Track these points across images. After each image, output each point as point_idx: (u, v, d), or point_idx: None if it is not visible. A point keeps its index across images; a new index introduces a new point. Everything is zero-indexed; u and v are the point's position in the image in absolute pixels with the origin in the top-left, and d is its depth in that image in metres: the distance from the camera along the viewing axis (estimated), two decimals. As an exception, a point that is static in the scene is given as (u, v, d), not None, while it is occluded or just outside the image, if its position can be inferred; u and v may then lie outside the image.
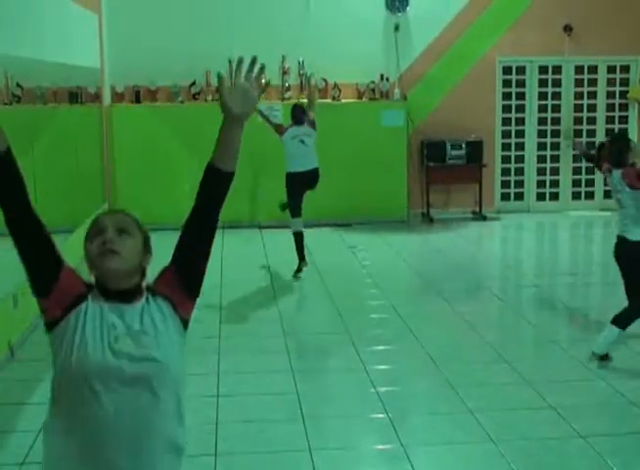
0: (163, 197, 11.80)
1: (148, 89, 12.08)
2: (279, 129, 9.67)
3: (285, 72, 12.16)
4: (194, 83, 12.06)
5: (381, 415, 5.24)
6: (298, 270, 9.13)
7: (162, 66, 11.86)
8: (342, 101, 12.25)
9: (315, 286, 8.74)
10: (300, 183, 9.49)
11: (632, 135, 13.32)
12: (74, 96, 9.99)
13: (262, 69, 2.69)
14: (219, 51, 11.87)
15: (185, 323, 2.59)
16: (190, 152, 11.85)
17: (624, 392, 5.55)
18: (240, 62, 2.72)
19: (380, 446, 4.86)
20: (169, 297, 2.58)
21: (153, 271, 2.66)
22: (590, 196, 13.51)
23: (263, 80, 2.71)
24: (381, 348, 6.65)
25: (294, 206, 9.47)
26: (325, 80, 12.23)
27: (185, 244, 2.66)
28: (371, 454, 4.81)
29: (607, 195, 13.39)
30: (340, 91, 12.22)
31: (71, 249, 9.30)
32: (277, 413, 5.30)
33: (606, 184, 6.77)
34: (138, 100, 12.02)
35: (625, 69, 13.24)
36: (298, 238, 9.33)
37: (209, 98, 12.05)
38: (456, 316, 7.53)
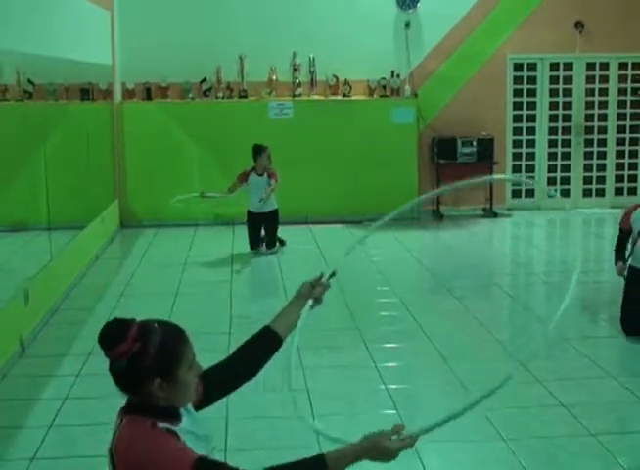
0: (174, 193, 11.79)
1: (159, 86, 12.10)
2: (239, 182, 10.31)
3: (295, 69, 12.16)
4: (204, 80, 12.07)
5: (391, 412, 5.24)
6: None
7: (173, 62, 11.89)
8: (353, 98, 12.25)
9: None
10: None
11: (644, 132, 13.31)
12: (86, 93, 10.02)
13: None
14: (230, 48, 11.95)
15: None
16: (200, 148, 11.90)
17: (635, 390, 5.54)
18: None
19: (390, 444, 4.85)
20: None
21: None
22: (601, 193, 13.47)
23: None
24: (391, 345, 6.65)
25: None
26: (336, 77, 12.22)
27: (217, 378, 2.74)
28: (381, 451, 4.80)
29: (618, 192, 13.39)
30: (350, 88, 12.21)
31: (83, 245, 9.38)
32: (286, 410, 5.30)
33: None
34: (149, 97, 12.04)
35: (638, 65, 13.18)
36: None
37: (220, 95, 12.05)
38: (466, 314, 7.52)
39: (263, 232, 10.21)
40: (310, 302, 3.14)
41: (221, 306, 7.76)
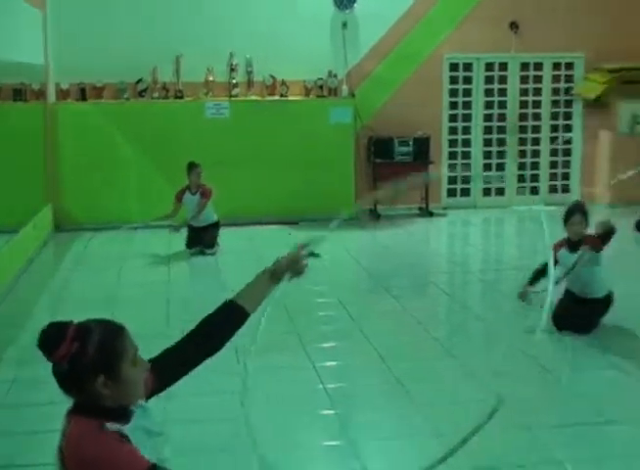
0: (110, 195, 11.69)
1: (94, 86, 11.95)
2: (176, 201, 10.33)
3: (232, 69, 12.12)
4: (140, 80, 11.96)
5: (329, 412, 5.24)
6: None
7: (108, 62, 11.75)
8: (290, 98, 12.24)
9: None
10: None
11: (576, 132, 13.52)
12: (18, 93, 9.87)
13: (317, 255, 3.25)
14: (166, 48, 11.86)
15: None
16: (137, 149, 11.78)
17: (571, 384, 5.63)
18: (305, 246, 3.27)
19: (328, 443, 4.86)
20: None
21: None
22: (535, 191, 13.66)
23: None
24: (329, 345, 6.66)
25: None
26: (273, 77, 12.21)
27: (173, 362, 2.76)
28: (319, 451, 4.81)
29: (552, 190, 13.60)
30: (287, 88, 12.21)
31: (15, 250, 9.21)
32: (223, 413, 5.27)
33: None
34: (84, 97, 11.88)
35: (570, 66, 13.40)
36: None
37: (156, 95, 11.96)
38: (404, 312, 7.56)
39: (203, 235, 10.17)
40: (288, 276, 3.25)
41: (159, 308, 7.69)
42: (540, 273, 6.84)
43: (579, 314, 6.74)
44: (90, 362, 2.37)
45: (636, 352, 6.32)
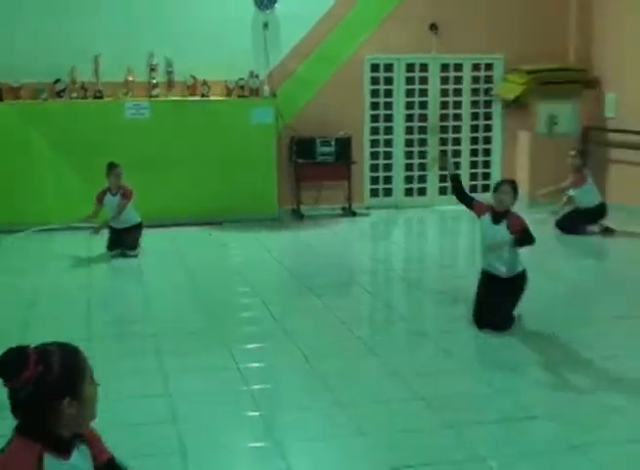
0: (27, 196, 11.45)
1: (10, 87, 11.67)
2: (98, 203, 10.19)
3: (152, 69, 11.99)
4: (58, 80, 11.74)
5: (254, 413, 5.21)
6: None
7: (26, 62, 11.51)
8: (212, 98, 12.15)
9: (185, 285, 8.64)
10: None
11: (495, 132, 13.71)
12: None
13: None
14: (85, 47, 11.68)
15: None
16: (55, 150, 11.56)
17: (492, 381, 5.68)
18: None
19: (253, 444, 4.82)
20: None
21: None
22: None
23: None
24: (253, 345, 6.61)
25: None
26: (194, 77, 12.11)
27: None
28: (245, 453, 4.77)
29: (472, 190, 13.74)
30: (209, 88, 12.12)
31: None
32: (148, 416, 5.20)
33: None
34: (0, 98, 11.62)
35: (489, 67, 13.58)
36: None
37: (75, 95, 11.76)
38: (327, 312, 7.55)
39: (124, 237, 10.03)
40: None
41: (79, 311, 7.55)
42: (462, 194, 7.22)
43: (498, 303, 6.83)
44: (56, 384, 2.40)
45: (554, 349, 6.42)
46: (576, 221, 10.96)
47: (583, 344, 6.51)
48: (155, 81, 11.99)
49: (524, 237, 6.72)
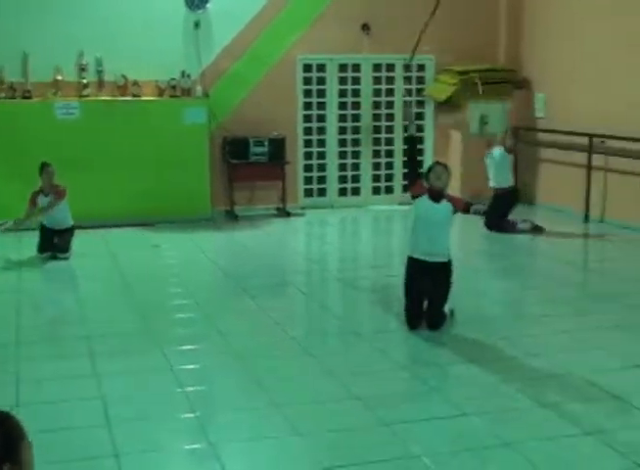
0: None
1: None
2: (31, 204, 9.92)
3: (82, 69, 11.83)
4: (-14, 80, 11.54)
5: (189, 415, 5.18)
6: None
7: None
8: (143, 98, 12.04)
9: (118, 287, 8.54)
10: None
11: (428, 132, 13.83)
12: None
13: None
14: (12, 46, 11.47)
15: None
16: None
17: (426, 379, 5.73)
18: None
19: (188, 446, 4.79)
20: None
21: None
22: (390, 190, 13.89)
23: None
24: (187, 347, 6.58)
25: None
26: (125, 77, 11.98)
27: None
28: (180, 455, 4.74)
29: (406, 189, 13.83)
30: (140, 88, 12.00)
31: None
32: (81, 420, 5.14)
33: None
34: None
35: (421, 67, 13.69)
36: None
37: (2, 95, 11.55)
38: (262, 313, 7.54)
39: (56, 239, 9.89)
40: None
41: (8, 316, 7.42)
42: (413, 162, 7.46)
43: (431, 299, 6.93)
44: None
45: (483, 347, 6.50)
46: (499, 215, 11.12)
47: (511, 342, 6.60)
48: (85, 81, 11.83)
49: (470, 206, 6.98)
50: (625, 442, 4.68)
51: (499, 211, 11.12)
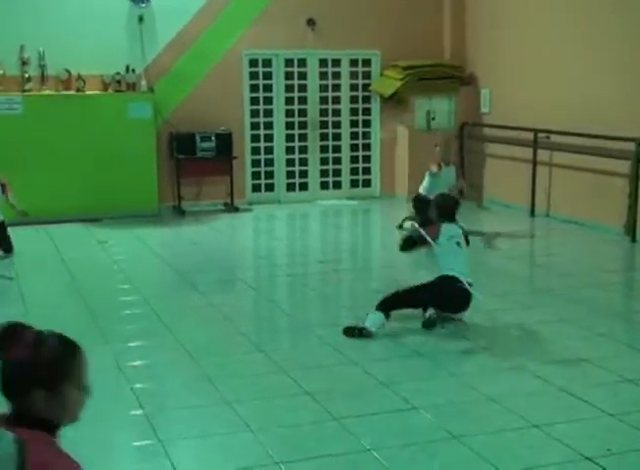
0: None
1: None
2: None
3: (25, 63, 11.66)
4: None
5: (137, 412, 5.13)
6: None
7: None
8: (88, 93, 11.91)
9: (63, 283, 8.44)
10: None
11: (374, 127, 13.87)
12: None
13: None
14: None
15: None
16: None
17: (375, 374, 5.74)
18: None
19: (137, 443, 4.76)
20: None
21: None
22: (338, 185, 13.92)
23: None
24: (135, 343, 6.52)
25: None
26: (68, 71, 11.83)
27: None
28: (128, 452, 4.70)
29: (353, 184, 13.90)
30: (84, 83, 11.87)
31: None
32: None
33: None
34: None
35: (367, 62, 13.72)
36: None
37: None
38: (211, 308, 7.51)
39: None
40: None
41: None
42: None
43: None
44: (36, 374, 2.39)
45: (432, 341, 6.54)
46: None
47: (461, 336, 6.65)
48: (27, 75, 11.66)
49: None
50: (570, 434, 4.74)
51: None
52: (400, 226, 10.87)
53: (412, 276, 7.96)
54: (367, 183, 14.04)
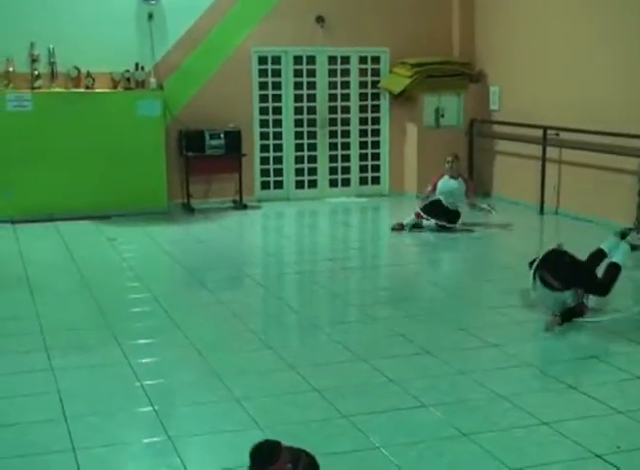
0: None
1: None
2: None
3: (34, 60, 11.68)
4: None
5: (147, 409, 5.15)
6: None
7: None
8: (97, 90, 11.92)
9: (74, 281, 8.46)
10: None
11: (384, 125, 13.86)
12: None
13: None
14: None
15: None
16: None
17: (384, 371, 5.74)
18: None
19: (147, 440, 4.77)
20: None
21: None
22: (347, 183, 13.91)
23: None
24: (144, 341, 6.54)
25: None
26: (78, 69, 11.85)
27: None
28: (138, 449, 4.70)
29: (362, 182, 13.90)
30: (93, 80, 11.88)
31: None
32: (37, 415, 5.08)
33: None
34: None
35: (376, 60, 13.71)
36: None
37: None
38: (220, 306, 7.52)
39: None
40: None
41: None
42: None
43: None
44: None
45: (441, 338, 6.54)
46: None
47: (470, 332, 6.65)
48: (37, 73, 11.68)
49: None
50: (580, 431, 4.74)
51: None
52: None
53: (421, 274, 7.97)
54: (376, 181, 14.03)
